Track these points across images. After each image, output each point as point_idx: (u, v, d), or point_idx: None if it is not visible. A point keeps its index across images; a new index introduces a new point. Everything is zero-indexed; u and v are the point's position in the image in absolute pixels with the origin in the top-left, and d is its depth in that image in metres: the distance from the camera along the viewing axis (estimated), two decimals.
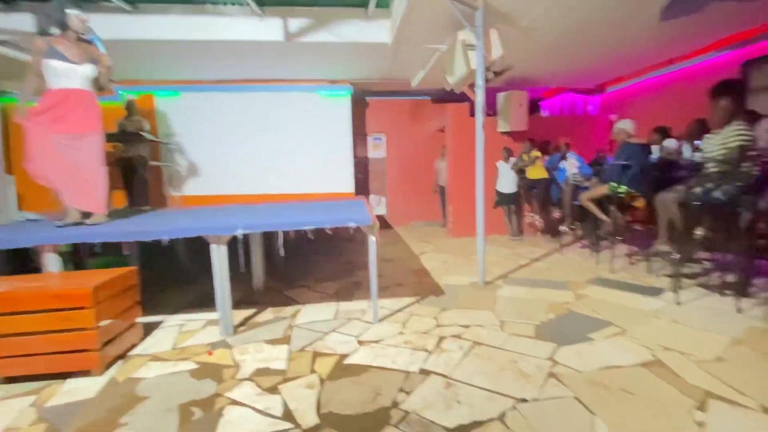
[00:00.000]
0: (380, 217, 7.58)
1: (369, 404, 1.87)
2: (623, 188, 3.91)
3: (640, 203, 4.18)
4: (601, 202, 4.26)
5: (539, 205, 5.77)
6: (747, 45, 4.68)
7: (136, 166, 5.25)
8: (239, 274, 3.92)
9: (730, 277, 3.26)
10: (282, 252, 3.13)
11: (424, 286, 3.74)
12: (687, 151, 4.23)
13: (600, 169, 4.75)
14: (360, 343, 2.57)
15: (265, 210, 3.76)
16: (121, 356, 2.46)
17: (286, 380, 2.12)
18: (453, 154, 6.21)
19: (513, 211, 5.94)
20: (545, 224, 5.86)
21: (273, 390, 2.03)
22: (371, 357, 2.36)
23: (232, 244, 2.80)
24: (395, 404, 1.86)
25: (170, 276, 4.36)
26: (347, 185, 6.65)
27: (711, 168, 3.10)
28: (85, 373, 2.23)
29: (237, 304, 3.32)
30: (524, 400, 1.87)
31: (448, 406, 1.83)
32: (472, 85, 3.86)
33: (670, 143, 4.75)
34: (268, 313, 3.17)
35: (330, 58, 5.27)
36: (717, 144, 3.08)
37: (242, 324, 2.96)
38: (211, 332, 2.82)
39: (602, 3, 3.71)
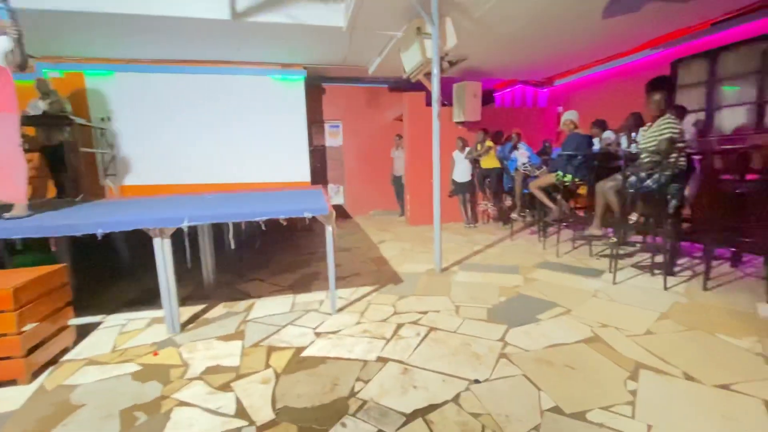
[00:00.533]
0: (338, 207, 7.51)
1: (326, 395, 1.85)
2: (569, 177, 4.14)
3: (584, 191, 4.47)
4: (549, 190, 4.50)
5: (492, 194, 5.99)
6: (676, 45, 5.09)
7: (64, 152, 4.73)
8: (187, 269, 3.71)
9: (659, 258, 3.58)
10: (233, 244, 2.98)
11: (383, 275, 3.76)
12: (624, 143, 4.56)
13: (548, 159, 5.00)
14: (317, 334, 2.53)
15: (213, 200, 3.56)
16: (52, 362, 2.24)
17: (239, 377, 2.04)
18: (410, 144, 6.25)
19: (468, 200, 6.12)
20: (498, 212, 6.11)
21: (225, 388, 1.95)
22: (328, 348, 2.34)
23: (178, 237, 2.63)
24: (353, 393, 1.86)
25: (109, 273, 4.03)
26: (303, 174, 6.46)
27: (644, 158, 3.36)
28: (9, 382, 2.01)
29: (185, 301, 3.14)
30: (477, 381, 1.94)
31: (405, 392, 1.86)
32: (427, 74, 3.87)
33: (609, 135, 5.10)
34: (219, 309, 3.03)
35: (282, 40, 5.03)
36: (650, 136, 3.34)
37: (191, 321, 2.81)
38: (156, 331, 2.65)
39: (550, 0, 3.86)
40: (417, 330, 2.55)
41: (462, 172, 5.90)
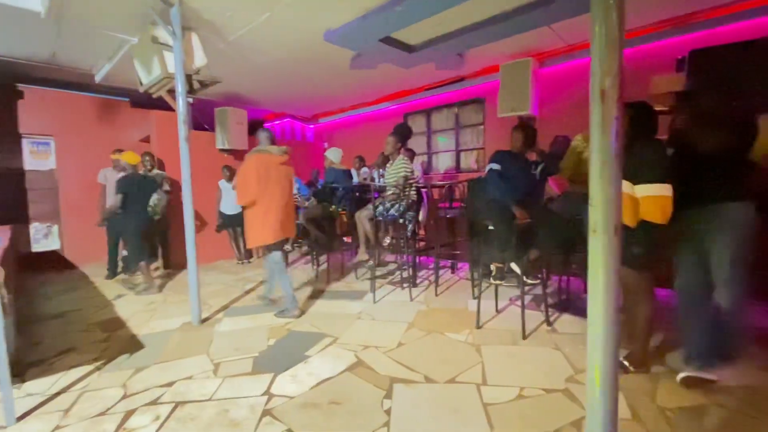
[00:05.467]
0: (52, 253, 5.47)
1: None
2: (333, 207, 4.39)
3: (347, 219, 4.85)
4: (318, 221, 4.65)
5: None
6: (406, 102, 6.42)
7: None
8: None
9: (405, 274, 4.21)
10: None
11: (114, 344, 2.82)
12: (376, 177, 5.28)
13: (316, 190, 5.21)
14: None
15: None
16: None
17: None
18: (167, 170, 5.24)
19: (239, 234, 5.63)
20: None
21: None
22: None
23: None
24: None
25: None
26: None
27: (389, 192, 3.93)
28: None
29: None
30: None
31: None
32: (172, 92, 3.31)
33: (365, 170, 5.85)
34: None
35: None
36: (391, 173, 3.95)
37: None
38: None
39: (303, 44, 4.07)
40: (156, 413, 1.94)
41: (231, 203, 5.39)
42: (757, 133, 2.03)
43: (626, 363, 2.22)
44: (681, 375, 2.08)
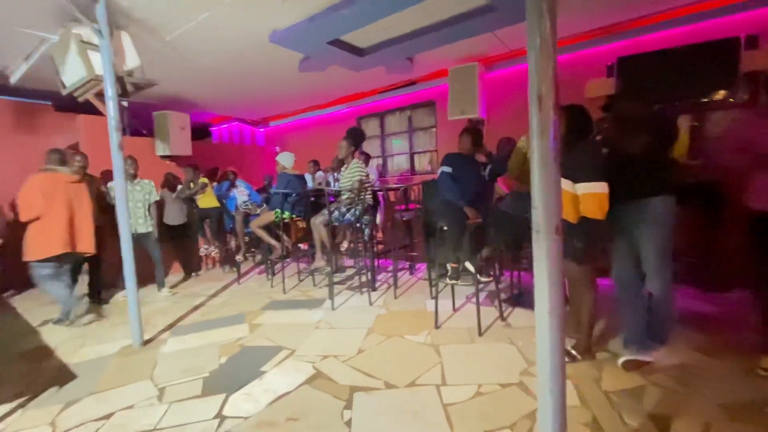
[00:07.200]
0: None
1: None
2: (286, 214, 4.26)
3: (303, 225, 4.72)
4: (271, 228, 4.49)
5: (214, 236, 5.44)
6: (358, 105, 6.39)
7: None
8: None
9: (364, 278, 4.17)
10: None
11: (41, 376, 2.52)
12: (332, 181, 5.20)
13: (268, 196, 5.03)
14: None
15: None
16: None
17: None
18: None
19: (185, 245, 5.29)
20: (223, 255, 5.60)
21: None
22: None
23: None
24: None
25: None
26: None
27: (344, 196, 3.87)
28: None
29: None
30: None
31: None
32: (100, 95, 3.04)
33: (320, 174, 5.74)
34: None
35: None
36: (346, 177, 3.90)
37: None
38: None
39: (248, 45, 3.91)
40: None
41: (174, 214, 5.04)
42: (676, 133, 2.23)
43: (573, 352, 2.35)
44: (621, 359, 2.23)
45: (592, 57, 4.21)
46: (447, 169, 3.08)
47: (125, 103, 5.01)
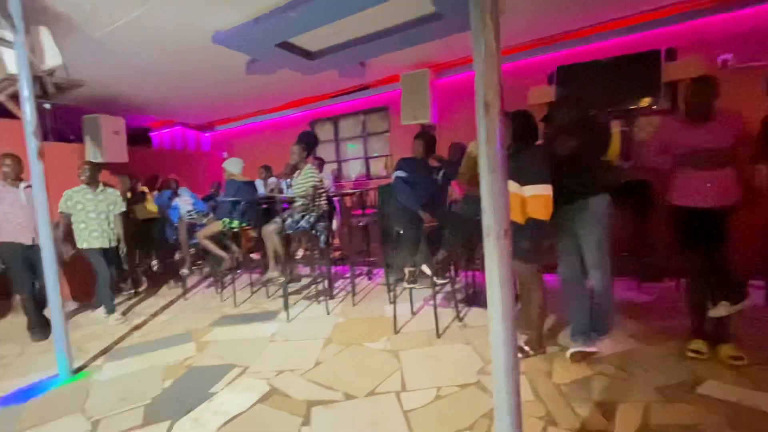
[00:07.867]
0: None
1: None
2: (235, 223, 4.06)
3: (253, 234, 4.52)
4: (220, 238, 4.25)
5: (155, 248, 5.04)
6: (312, 108, 6.26)
7: None
8: None
9: (321, 286, 4.07)
10: None
11: None
12: (285, 187, 5.02)
13: (215, 205, 4.76)
14: None
15: None
16: None
17: None
18: None
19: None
20: (165, 269, 5.18)
21: None
22: None
23: None
24: None
25: None
26: None
27: (297, 203, 3.75)
28: None
29: None
30: None
31: None
32: (15, 97, 2.70)
33: (273, 180, 5.54)
34: None
35: None
36: (299, 183, 3.78)
37: None
38: None
39: (189, 45, 3.68)
40: None
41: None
42: (609, 137, 2.40)
43: (526, 347, 2.43)
44: (569, 351, 2.35)
45: (534, 65, 4.46)
46: (401, 173, 3.09)
47: (47, 106, 4.53)
